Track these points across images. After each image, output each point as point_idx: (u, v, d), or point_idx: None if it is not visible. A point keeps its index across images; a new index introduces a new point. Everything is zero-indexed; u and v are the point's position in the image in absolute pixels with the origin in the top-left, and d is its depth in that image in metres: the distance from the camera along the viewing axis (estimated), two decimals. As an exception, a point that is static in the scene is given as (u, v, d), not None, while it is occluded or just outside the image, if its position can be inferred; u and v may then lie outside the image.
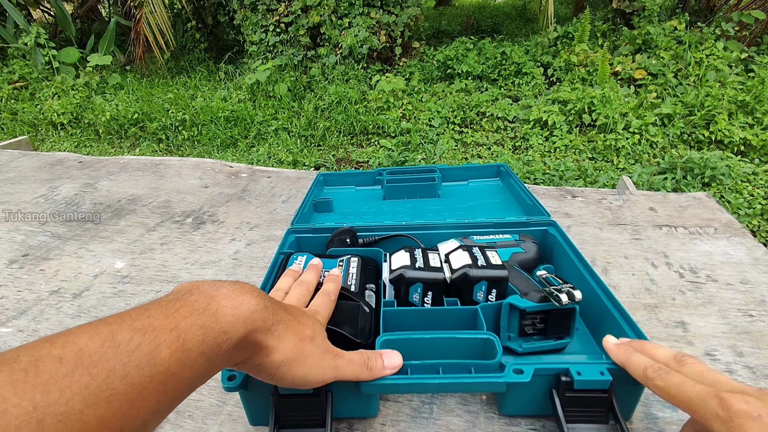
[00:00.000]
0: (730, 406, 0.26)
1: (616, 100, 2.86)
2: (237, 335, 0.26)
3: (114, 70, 4.15)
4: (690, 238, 0.69)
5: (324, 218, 0.72)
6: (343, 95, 3.29)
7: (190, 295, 0.27)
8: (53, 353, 0.20)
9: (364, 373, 0.35)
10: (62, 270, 0.69)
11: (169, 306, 0.25)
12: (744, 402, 0.26)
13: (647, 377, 0.32)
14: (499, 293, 0.46)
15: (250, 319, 0.27)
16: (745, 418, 0.25)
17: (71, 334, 0.21)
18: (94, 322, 0.23)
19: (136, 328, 0.23)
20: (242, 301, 0.27)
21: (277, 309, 0.30)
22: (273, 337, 0.29)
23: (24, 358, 0.19)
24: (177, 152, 3.23)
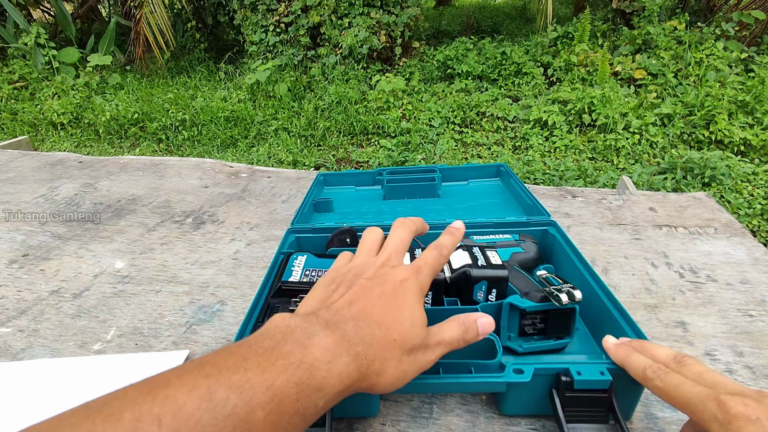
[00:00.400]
0: (729, 408, 0.26)
1: (616, 100, 2.86)
2: (334, 391, 0.26)
3: (114, 70, 4.16)
4: (690, 238, 0.69)
5: (324, 218, 0.72)
6: (343, 95, 3.29)
7: (285, 344, 0.26)
8: (153, 411, 0.20)
9: (461, 346, 0.34)
10: (62, 270, 0.69)
11: (267, 358, 0.25)
12: (742, 405, 0.26)
13: (646, 377, 0.32)
14: (499, 293, 0.46)
15: (346, 373, 0.26)
16: (744, 420, 0.25)
17: (170, 386, 0.22)
18: (193, 371, 0.23)
19: (233, 385, 0.22)
20: (336, 354, 0.26)
21: (373, 342, 0.28)
22: (372, 377, 0.28)
23: (127, 416, 0.20)
24: (177, 152, 3.23)
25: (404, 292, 0.32)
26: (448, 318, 0.34)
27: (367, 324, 0.29)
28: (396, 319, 0.30)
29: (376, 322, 0.29)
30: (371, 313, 0.30)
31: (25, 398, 0.45)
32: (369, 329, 0.29)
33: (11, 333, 0.56)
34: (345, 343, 0.27)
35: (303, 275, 0.47)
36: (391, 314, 0.30)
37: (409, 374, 0.30)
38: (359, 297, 0.31)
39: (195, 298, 0.60)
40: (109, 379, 0.46)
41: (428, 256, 0.36)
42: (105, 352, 0.52)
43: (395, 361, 0.29)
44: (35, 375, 0.48)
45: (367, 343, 0.28)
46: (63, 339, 0.54)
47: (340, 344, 0.27)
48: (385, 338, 0.29)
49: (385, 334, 0.29)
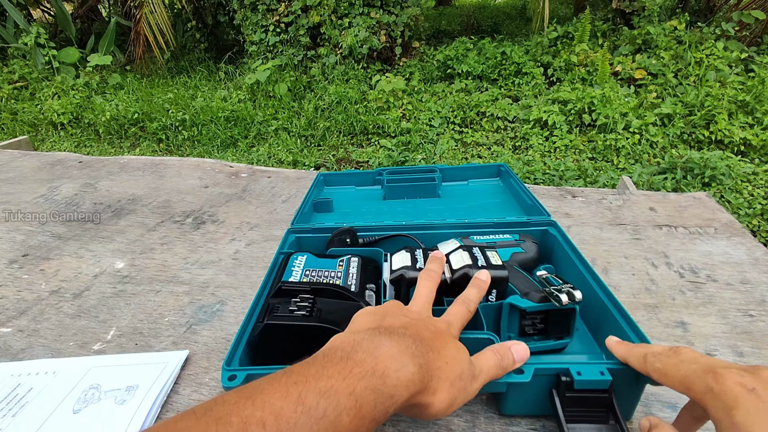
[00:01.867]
0: (725, 380, 0.26)
1: (616, 100, 2.86)
2: (401, 399, 0.27)
3: (114, 70, 4.15)
4: (690, 238, 0.69)
5: (324, 218, 0.72)
6: (343, 95, 3.29)
7: (357, 353, 0.28)
8: (256, 415, 0.22)
9: (499, 375, 0.35)
10: (62, 270, 0.69)
11: (345, 366, 0.26)
12: (738, 376, 0.26)
13: (646, 362, 0.33)
14: (500, 293, 0.46)
15: (412, 381, 0.28)
16: (740, 390, 0.25)
17: (265, 392, 0.24)
18: (282, 378, 0.25)
19: (320, 391, 0.24)
20: (404, 363, 0.28)
21: (430, 359, 0.30)
22: (429, 394, 0.30)
23: (234, 419, 0.22)
24: (177, 152, 3.23)
25: (443, 333, 0.34)
26: (484, 349, 0.36)
27: (423, 344, 0.31)
28: (444, 346, 0.33)
29: (429, 346, 0.31)
30: (424, 337, 0.32)
31: (25, 398, 0.45)
32: (425, 348, 0.31)
33: (11, 333, 0.56)
34: (409, 353, 0.29)
35: (303, 275, 0.47)
36: (440, 342, 0.33)
37: (458, 400, 0.31)
38: (410, 325, 0.33)
39: (195, 298, 0.60)
40: (109, 379, 0.46)
41: (456, 311, 0.38)
42: (105, 352, 0.52)
43: (448, 383, 0.31)
44: (35, 375, 0.48)
45: (426, 358, 0.30)
46: (63, 339, 0.54)
47: (405, 354, 0.29)
48: (438, 359, 0.31)
49: (438, 356, 0.31)
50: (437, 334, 0.34)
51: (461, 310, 0.38)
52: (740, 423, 0.25)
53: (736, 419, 0.25)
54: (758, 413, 0.24)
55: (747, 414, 0.25)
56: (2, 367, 0.49)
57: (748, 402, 0.25)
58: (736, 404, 0.25)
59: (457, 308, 0.39)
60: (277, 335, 0.41)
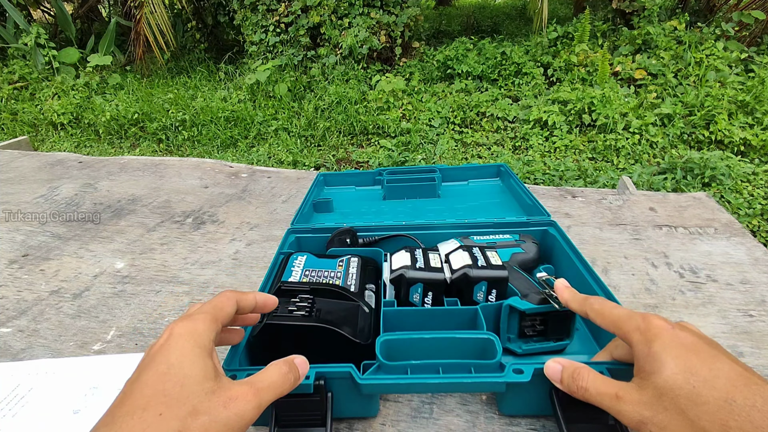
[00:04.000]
0: (651, 320, 0.31)
1: (616, 100, 2.86)
2: None
3: (114, 70, 4.15)
4: (690, 238, 0.69)
5: (324, 218, 0.72)
6: (343, 95, 3.29)
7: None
8: None
9: (287, 390, 0.32)
10: (62, 270, 0.69)
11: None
12: (663, 319, 0.31)
13: (586, 303, 0.37)
14: (499, 294, 0.46)
15: None
16: (661, 328, 0.30)
17: None
18: None
19: None
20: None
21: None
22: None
23: None
24: (177, 152, 3.23)
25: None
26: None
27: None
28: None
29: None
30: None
31: (25, 398, 0.45)
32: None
33: (11, 333, 0.56)
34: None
35: (303, 275, 0.47)
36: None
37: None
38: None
39: (195, 299, 0.60)
40: (109, 379, 0.46)
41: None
42: (105, 352, 0.52)
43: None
44: (35, 375, 0.48)
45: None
46: (63, 339, 0.54)
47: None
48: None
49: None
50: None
51: (208, 307, 0.33)
52: (656, 352, 0.29)
53: (653, 349, 0.29)
54: (671, 344, 0.29)
55: (662, 345, 0.29)
56: (2, 367, 0.49)
57: (665, 336, 0.30)
58: (656, 337, 0.30)
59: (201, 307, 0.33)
60: (276, 335, 0.41)
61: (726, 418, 0.25)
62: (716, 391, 0.26)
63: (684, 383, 0.27)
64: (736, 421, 0.25)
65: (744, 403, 0.25)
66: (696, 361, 0.28)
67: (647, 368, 0.29)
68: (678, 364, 0.28)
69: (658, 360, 0.29)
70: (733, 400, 0.26)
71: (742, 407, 0.25)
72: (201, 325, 0.30)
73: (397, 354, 0.39)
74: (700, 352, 0.28)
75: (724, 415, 0.26)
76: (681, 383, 0.27)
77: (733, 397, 0.26)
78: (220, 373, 0.29)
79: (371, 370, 0.37)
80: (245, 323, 0.39)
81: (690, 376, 0.27)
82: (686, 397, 0.27)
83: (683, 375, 0.27)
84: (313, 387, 0.36)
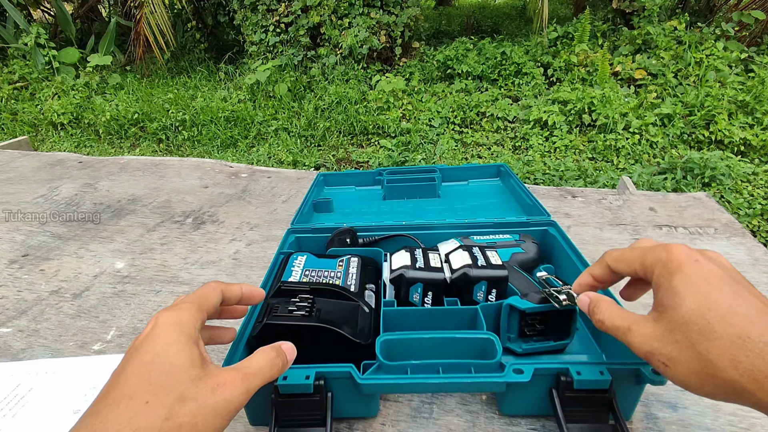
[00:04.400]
0: (673, 250, 0.29)
1: (616, 100, 2.86)
2: None
3: (114, 70, 4.15)
4: (690, 239, 0.69)
5: (324, 218, 0.72)
6: (343, 95, 3.29)
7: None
8: None
9: (276, 375, 0.32)
10: (62, 270, 0.69)
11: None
12: (686, 248, 0.29)
13: (603, 258, 0.36)
14: (499, 293, 0.46)
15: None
16: (684, 259, 0.29)
17: None
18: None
19: None
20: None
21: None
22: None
23: None
24: (177, 152, 3.23)
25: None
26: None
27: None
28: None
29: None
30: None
31: (25, 398, 0.45)
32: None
33: (11, 333, 0.56)
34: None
35: (303, 275, 0.47)
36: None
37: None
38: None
39: (195, 298, 0.60)
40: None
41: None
42: (105, 352, 0.52)
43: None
44: (35, 375, 0.48)
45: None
46: (63, 339, 0.54)
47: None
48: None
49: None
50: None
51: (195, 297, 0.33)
52: (675, 286, 0.28)
53: (674, 282, 0.28)
54: (693, 278, 0.28)
55: (683, 279, 0.28)
56: (2, 367, 0.49)
57: (687, 269, 0.28)
58: (678, 270, 0.28)
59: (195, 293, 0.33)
60: (276, 335, 0.41)
61: (737, 354, 0.25)
62: (731, 328, 0.26)
63: (699, 319, 0.26)
64: (747, 356, 0.25)
65: (759, 339, 0.25)
66: (717, 296, 0.27)
67: (666, 302, 0.28)
68: (697, 299, 0.27)
69: (678, 295, 0.28)
70: (747, 336, 0.25)
71: (756, 343, 0.25)
72: (185, 314, 0.30)
73: (397, 354, 0.39)
74: (722, 288, 0.27)
75: (735, 351, 0.25)
76: (696, 319, 0.27)
77: (748, 333, 0.25)
78: (207, 360, 0.29)
79: (371, 370, 0.37)
80: (233, 315, 0.39)
81: (707, 312, 0.26)
82: (699, 332, 0.26)
83: (700, 311, 0.27)
84: (313, 387, 0.36)
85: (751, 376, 0.24)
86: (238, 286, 0.36)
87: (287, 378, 0.36)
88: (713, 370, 0.26)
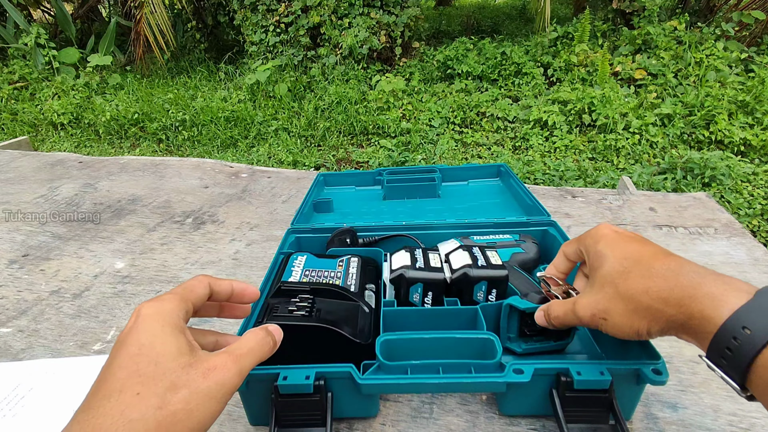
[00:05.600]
0: (599, 227, 0.37)
1: (616, 100, 2.86)
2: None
3: (114, 71, 4.15)
4: (690, 239, 0.69)
5: (324, 218, 0.72)
6: (343, 95, 3.29)
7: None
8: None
9: (267, 355, 0.32)
10: (62, 270, 0.69)
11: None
12: (612, 225, 0.37)
13: (560, 250, 0.42)
14: (499, 293, 0.46)
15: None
16: (607, 231, 0.36)
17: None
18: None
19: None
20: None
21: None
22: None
23: None
24: (177, 152, 3.23)
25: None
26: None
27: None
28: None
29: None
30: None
31: (25, 398, 0.45)
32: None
33: (11, 333, 0.56)
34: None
35: (303, 275, 0.47)
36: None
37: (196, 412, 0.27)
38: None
39: (195, 298, 0.60)
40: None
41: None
42: (105, 352, 0.52)
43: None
44: (35, 375, 0.48)
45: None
46: (63, 339, 0.54)
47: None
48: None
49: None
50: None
51: (188, 284, 0.33)
52: (600, 249, 0.35)
53: (599, 247, 0.35)
54: (613, 241, 0.35)
55: (606, 242, 0.35)
56: (2, 367, 0.49)
57: (609, 236, 0.36)
58: (602, 238, 0.36)
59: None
60: (277, 335, 0.41)
61: (646, 283, 0.30)
62: (640, 265, 0.31)
63: (619, 266, 0.33)
64: (654, 282, 0.30)
65: (660, 267, 0.30)
66: (630, 247, 0.34)
67: (595, 264, 0.35)
68: (616, 254, 0.33)
69: (602, 255, 0.34)
70: (652, 266, 0.31)
71: (659, 271, 0.30)
72: (168, 304, 0.30)
73: (397, 354, 0.39)
74: (632, 241, 0.34)
75: (645, 281, 0.30)
76: (617, 266, 0.33)
77: (652, 264, 0.31)
78: (196, 347, 0.29)
79: (371, 370, 0.37)
80: (233, 315, 0.38)
81: (624, 260, 0.33)
82: (619, 275, 0.32)
83: (619, 261, 0.33)
84: (313, 387, 0.36)
85: (658, 296, 0.30)
86: (228, 282, 0.35)
87: (287, 378, 0.36)
88: (634, 304, 0.31)
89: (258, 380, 0.37)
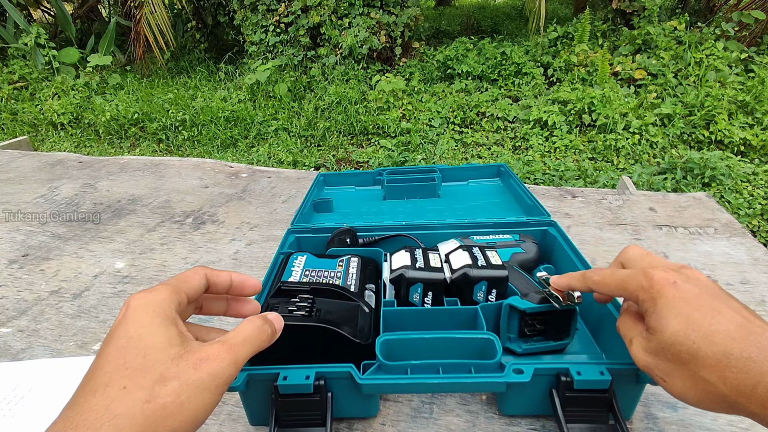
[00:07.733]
0: (652, 276, 0.31)
1: (616, 100, 2.86)
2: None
3: (114, 71, 4.15)
4: (690, 238, 0.69)
5: (324, 218, 0.72)
6: (343, 95, 3.29)
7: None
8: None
9: (265, 344, 0.31)
10: (62, 270, 0.69)
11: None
12: (663, 272, 0.31)
13: (585, 277, 0.37)
14: (499, 293, 0.46)
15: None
16: (663, 284, 0.30)
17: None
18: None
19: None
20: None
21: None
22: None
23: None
24: (177, 152, 3.23)
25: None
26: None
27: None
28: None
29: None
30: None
31: (25, 398, 0.45)
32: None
33: (11, 333, 0.56)
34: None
35: (303, 275, 0.47)
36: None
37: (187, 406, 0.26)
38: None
39: (195, 298, 0.60)
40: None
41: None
42: (105, 352, 0.52)
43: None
44: (35, 375, 0.48)
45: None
46: (63, 339, 0.54)
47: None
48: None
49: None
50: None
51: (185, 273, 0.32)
52: (659, 310, 0.30)
53: (657, 307, 0.30)
54: (673, 301, 0.30)
55: (665, 302, 0.30)
56: (2, 367, 0.49)
57: (668, 293, 0.30)
58: (659, 295, 0.30)
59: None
60: (276, 335, 0.41)
61: (723, 371, 0.26)
62: (715, 346, 0.27)
63: (685, 339, 0.28)
64: (732, 372, 0.26)
65: (740, 355, 0.26)
66: (697, 316, 0.28)
67: (653, 325, 0.30)
68: (680, 321, 0.29)
69: (662, 319, 0.30)
70: (730, 353, 0.26)
71: (738, 359, 0.26)
72: (159, 294, 0.28)
73: (397, 354, 0.39)
74: (701, 307, 0.29)
75: (721, 369, 0.27)
76: (682, 339, 0.28)
77: (730, 350, 0.27)
78: (188, 338, 0.28)
79: (371, 370, 0.37)
80: (239, 314, 0.36)
81: (691, 332, 0.28)
82: (687, 352, 0.28)
83: (684, 332, 0.28)
84: (313, 387, 0.36)
85: (738, 391, 0.26)
86: (227, 273, 0.34)
87: (287, 378, 0.36)
88: (706, 386, 0.27)
89: (258, 380, 0.37)
